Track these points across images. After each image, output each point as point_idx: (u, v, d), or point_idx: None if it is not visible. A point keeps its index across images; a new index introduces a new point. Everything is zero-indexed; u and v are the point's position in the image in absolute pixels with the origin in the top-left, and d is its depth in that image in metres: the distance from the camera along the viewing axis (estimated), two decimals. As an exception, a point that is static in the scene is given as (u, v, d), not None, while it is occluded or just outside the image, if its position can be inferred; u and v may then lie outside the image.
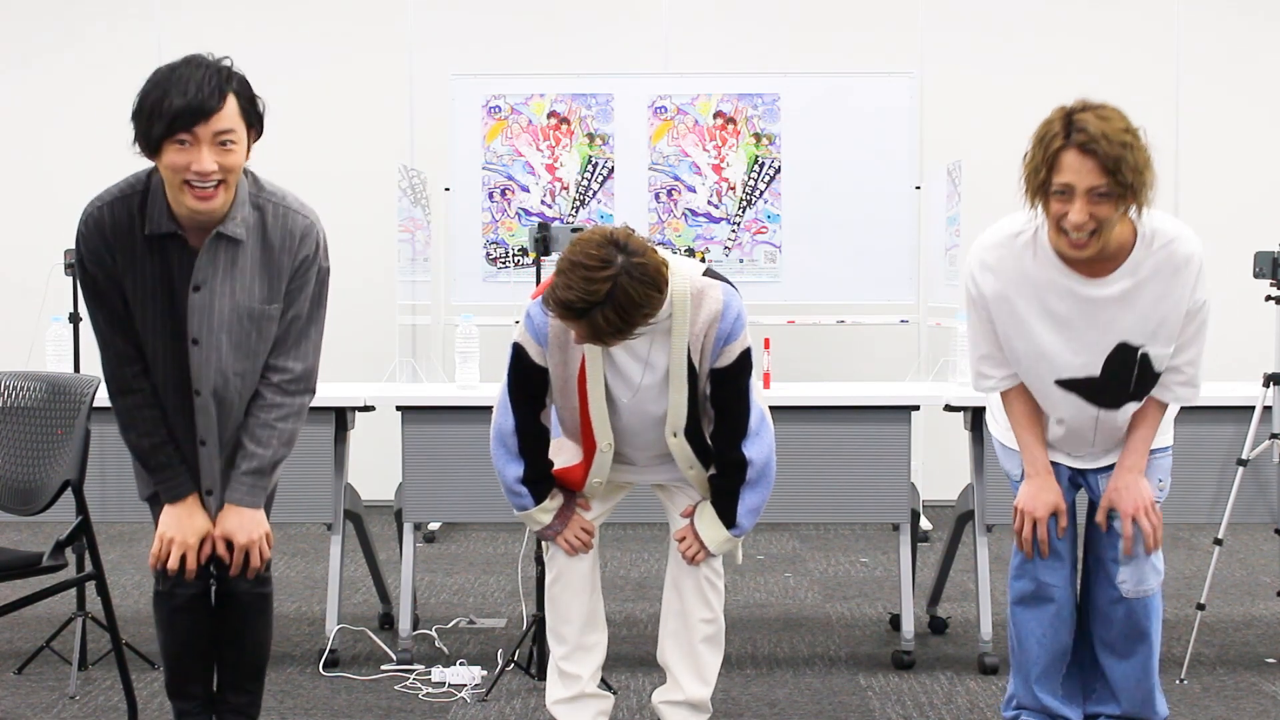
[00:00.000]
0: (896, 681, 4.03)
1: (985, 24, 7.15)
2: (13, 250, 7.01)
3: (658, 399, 3.17)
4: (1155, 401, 3.09)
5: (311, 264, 2.91)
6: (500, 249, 6.69)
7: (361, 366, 6.11)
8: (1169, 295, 2.95)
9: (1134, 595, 3.10)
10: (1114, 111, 2.85)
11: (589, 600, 3.30)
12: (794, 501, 4.23)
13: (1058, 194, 2.84)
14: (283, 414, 2.92)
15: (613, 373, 3.17)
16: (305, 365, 2.94)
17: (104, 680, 3.99)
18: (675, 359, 3.12)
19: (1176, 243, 2.94)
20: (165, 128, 2.67)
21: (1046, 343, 3.02)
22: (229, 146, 2.73)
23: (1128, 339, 2.99)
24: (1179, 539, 6.15)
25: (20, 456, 3.31)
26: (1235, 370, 4.45)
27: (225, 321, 2.84)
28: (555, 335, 3.13)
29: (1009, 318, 3.04)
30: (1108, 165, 2.77)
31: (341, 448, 4.25)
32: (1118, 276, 2.95)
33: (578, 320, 2.93)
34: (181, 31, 7.18)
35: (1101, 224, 2.83)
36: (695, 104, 6.66)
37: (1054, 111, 2.90)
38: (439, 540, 6.23)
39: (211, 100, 2.68)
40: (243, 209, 2.82)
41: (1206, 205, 6.93)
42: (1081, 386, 3.06)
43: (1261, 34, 7.14)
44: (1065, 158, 2.81)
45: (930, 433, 6.45)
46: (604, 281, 2.88)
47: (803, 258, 6.66)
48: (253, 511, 2.91)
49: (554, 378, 3.19)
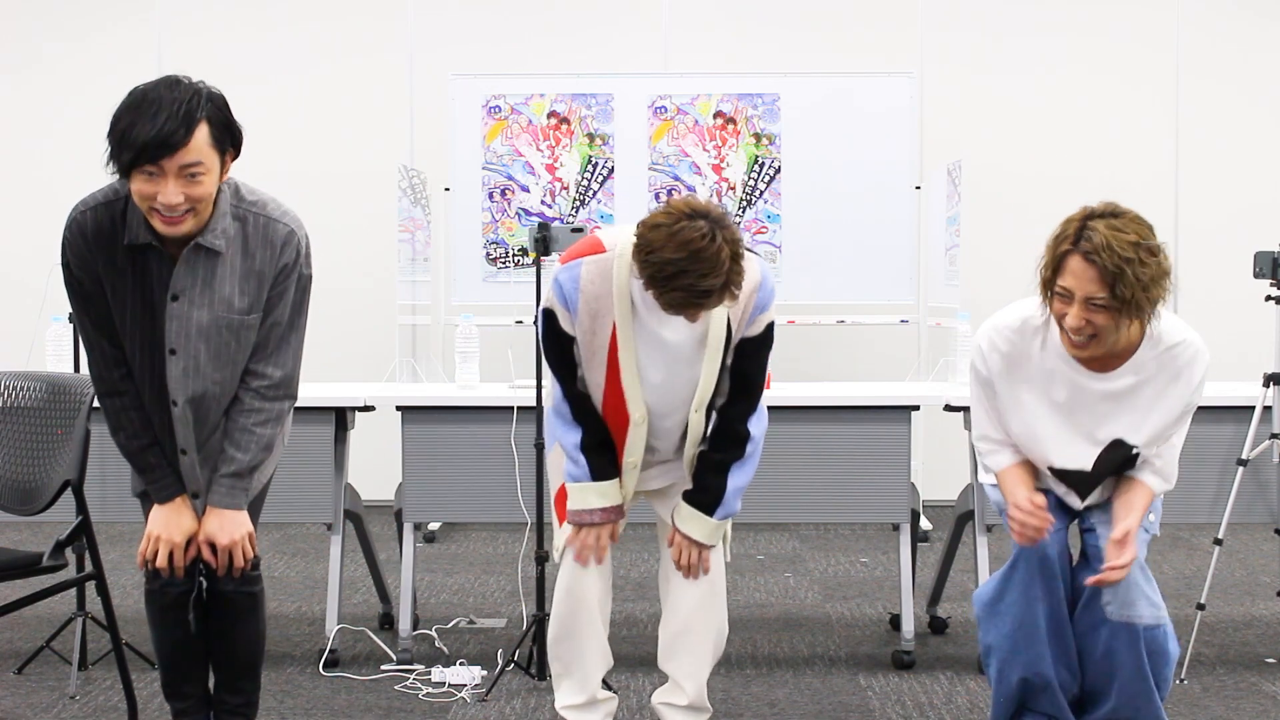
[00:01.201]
0: (896, 681, 4.03)
1: (985, 24, 7.15)
2: (13, 250, 7.01)
3: (688, 370, 3.12)
4: (1142, 485, 3.06)
5: (292, 271, 2.89)
6: (500, 249, 6.69)
7: (361, 366, 6.11)
8: (1168, 396, 2.98)
9: (1119, 619, 3.00)
10: (1131, 221, 2.83)
11: (600, 642, 3.23)
12: (794, 501, 4.23)
13: (1060, 295, 2.86)
14: (261, 419, 2.91)
15: (645, 343, 3.10)
16: (285, 372, 2.93)
17: (104, 680, 3.99)
18: (715, 325, 3.07)
19: (1181, 347, 2.96)
20: (131, 158, 2.67)
21: (1043, 429, 3.04)
22: (197, 178, 2.71)
23: (1124, 436, 3.01)
24: (1179, 539, 6.15)
25: (20, 456, 3.31)
26: (1235, 370, 4.45)
27: (204, 331, 2.84)
28: (586, 304, 3.05)
29: (1010, 399, 3.06)
30: (1106, 278, 2.77)
31: (341, 448, 4.25)
32: (1121, 373, 2.97)
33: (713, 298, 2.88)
34: (181, 32, 7.19)
35: (1100, 330, 2.85)
36: (695, 104, 6.66)
37: (1077, 211, 2.88)
38: (439, 540, 6.23)
39: (177, 135, 2.65)
40: (223, 220, 2.81)
41: (1206, 205, 6.94)
42: (1071, 477, 3.09)
43: (1262, 33, 7.14)
44: (1070, 262, 2.82)
45: (930, 433, 6.45)
46: (716, 251, 2.84)
47: (803, 258, 6.66)
48: (234, 513, 2.90)
49: (582, 347, 3.11)
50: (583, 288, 3.04)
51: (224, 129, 2.75)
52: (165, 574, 2.91)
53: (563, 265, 3.10)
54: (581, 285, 3.04)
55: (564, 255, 3.16)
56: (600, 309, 3.06)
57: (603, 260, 3.06)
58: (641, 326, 3.08)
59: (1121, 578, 2.97)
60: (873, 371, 6.66)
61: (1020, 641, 3.08)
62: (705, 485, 3.17)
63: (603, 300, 3.05)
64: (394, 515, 4.45)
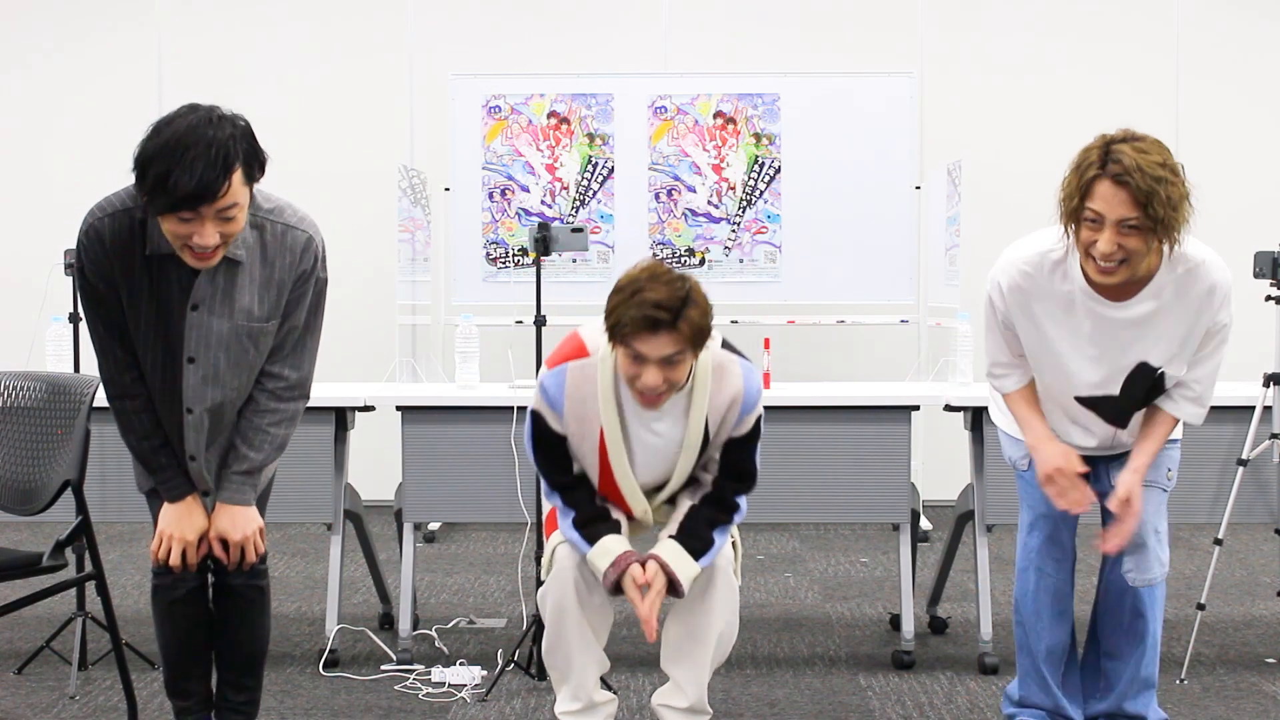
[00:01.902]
0: (896, 681, 4.03)
1: (985, 24, 7.15)
2: (13, 250, 7.01)
3: (663, 466, 3.17)
4: (1164, 414, 3.11)
5: (310, 276, 2.90)
6: (500, 249, 6.69)
7: (361, 366, 6.10)
8: (1190, 319, 2.98)
9: (1139, 584, 3.16)
10: (1154, 144, 2.85)
11: (593, 649, 3.23)
12: (794, 501, 4.23)
13: (1089, 222, 2.85)
14: (277, 419, 2.93)
15: (633, 442, 3.14)
16: (300, 374, 2.95)
17: (104, 680, 3.99)
18: (692, 431, 3.12)
19: (1201, 268, 2.96)
20: (169, 205, 2.63)
21: (1069, 360, 3.05)
22: (233, 219, 2.71)
23: (1148, 359, 3.01)
24: (1179, 539, 6.15)
25: (20, 456, 3.30)
26: (1235, 370, 4.43)
27: (223, 340, 2.84)
28: (572, 407, 3.11)
29: (1034, 333, 3.07)
30: (1139, 198, 2.78)
31: (341, 448, 4.25)
32: (1141, 299, 2.97)
33: (670, 328, 2.89)
34: (182, 32, 7.19)
35: (1130, 255, 2.85)
36: (695, 104, 6.66)
37: (1095, 139, 2.90)
38: (439, 540, 6.23)
39: (217, 184, 2.62)
40: (242, 231, 2.81)
41: (1206, 205, 6.90)
42: (1100, 404, 3.09)
43: (1262, 33, 7.15)
44: (1099, 187, 2.82)
45: (930, 433, 6.45)
46: (680, 281, 2.92)
47: (803, 258, 6.66)
48: (245, 509, 2.93)
49: (573, 446, 3.16)
50: (568, 392, 3.10)
51: (253, 161, 2.73)
52: (178, 571, 2.92)
53: (548, 370, 3.15)
54: (567, 390, 3.10)
55: (549, 359, 3.20)
56: (587, 412, 3.11)
57: (587, 365, 3.11)
58: (628, 427, 3.13)
59: (1124, 543, 3.08)
60: (873, 371, 6.66)
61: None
62: (697, 534, 3.16)
63: (588, 404, 3.10)
64: (394, 515, 4.45)
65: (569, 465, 3.18)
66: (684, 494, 3.22)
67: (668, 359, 2.94)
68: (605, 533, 3.13)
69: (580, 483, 3.19)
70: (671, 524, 3.18)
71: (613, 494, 3.20)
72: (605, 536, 3.13)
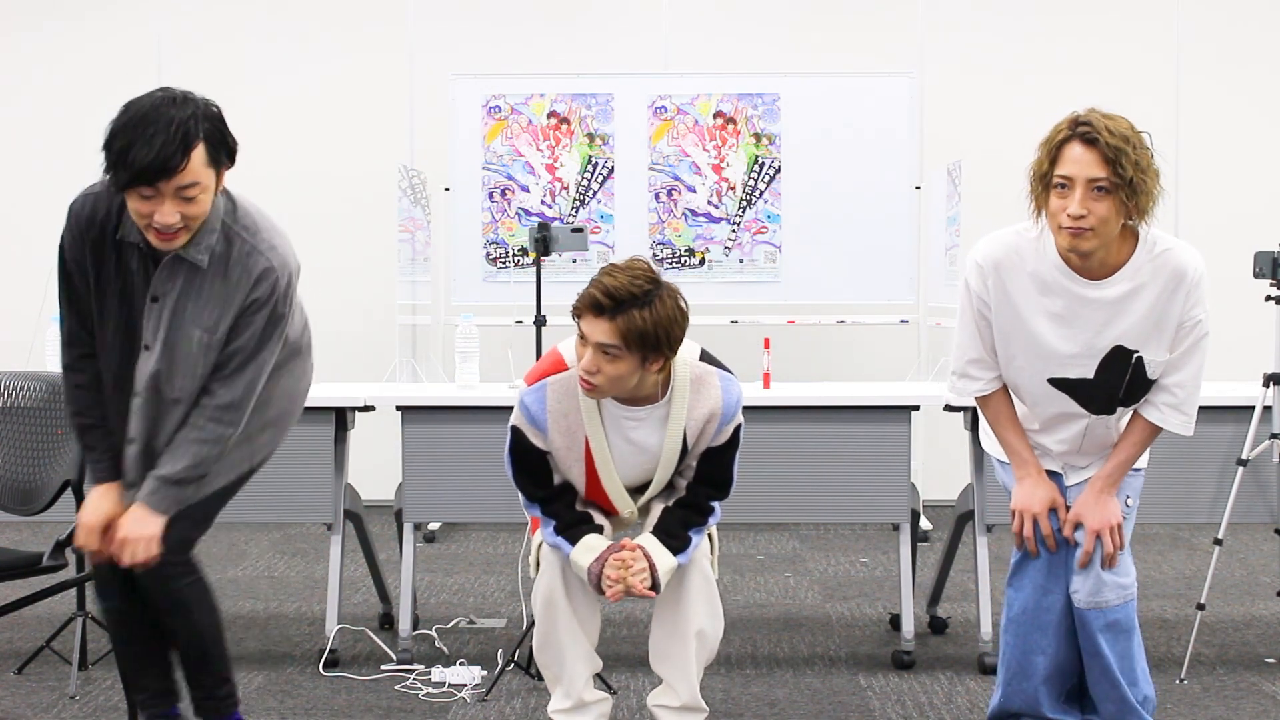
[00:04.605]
0: (896, 681, 4.03)
1: (985, 24, 7.15)
2: (13, 251, 7.01)
3: (639, 475, 3.21)
4: (1145, 421, 3.10)
5: (262, 307, 2.87)
6: (500, 249, 6.69)
7: (361, 366, 6.11)
8: (1162, 303, 2.98)
9: (1087, 606, 3.05)
10: (1121, 118, 2.90)
11: (583, 648, 3.24)
12: (794, 501, 4.23)
13: (1059, 188, 2.88)
14: (202, 437, 2.89)
15: (617, 448, 3.17)
16: (234, 397, 2.90)
17: (104, 680, 3.99)
18: (670, 444, 3.15)
19: (1173, 252, 2.98)
20: (128, 180, 2.68)
21: (1043, 338, 3.04)
22: (193, 199, 2.72)
23: (1123, 342, 3.01)
24: (1179, 539, 6.16)
25: (20, 456, 3.31)
26: (1235, 370, 4.45)
27: (175, 339, 2.86)
28: (555, 422, 3.13)
29: (1008, 312, 3.06)
30: (1108, 155, 2.82)
31: (341, 448, 4.25)
32: (1116, 280, 2.98)
33: (610, 317, 2.92)
34: (181, 31, 7.19)
35: (1099, 223, 2.85)
36: (695, 104, 6.66)
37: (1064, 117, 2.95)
38: (439, 540, 6.23)
39: (174, 159, 2.66)
40: (209, 236, 2.82)
41: (1206, 206, 6.93)
42: (1074, 388, 3.07)
43: (1262, 34, 7.15)
44: (1068, 150, 2.87)
45: (930, 433, 6.45)
46: (649, 284, 2.94)
47: (803, 258, 6.67)
48: (148, 514, 2.87)
49: (558, 458, 3.19)
50: (550, 408, 3.13)
51: (219, 145, 2.75)
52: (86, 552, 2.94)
53: (528, 387, 3.17)
54: (549, 406, 3.13)
55: (528, 375, 3.23)
56: (571, 425, 3.14)
57: (567, 378, 3.13)
58: (611, 434, 3.16)
59: (1084, 560, 3.04)
60: (873, 371, 6.66)
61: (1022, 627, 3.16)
62: (673, 533, 3.19)
63: (571, 417, 3.13)
64: (394, 515, 4.45)
65: (548, 479, 3.22)
66: (659, 499, 3.26)
67: (603, 348, 2.96)
68: (587, 533, 3.17)
69: (559, 494, 3.23)
70: (648, 525, 3.23)
71: (600, 498, 3.24)
72: (587, 535, 3.16)
